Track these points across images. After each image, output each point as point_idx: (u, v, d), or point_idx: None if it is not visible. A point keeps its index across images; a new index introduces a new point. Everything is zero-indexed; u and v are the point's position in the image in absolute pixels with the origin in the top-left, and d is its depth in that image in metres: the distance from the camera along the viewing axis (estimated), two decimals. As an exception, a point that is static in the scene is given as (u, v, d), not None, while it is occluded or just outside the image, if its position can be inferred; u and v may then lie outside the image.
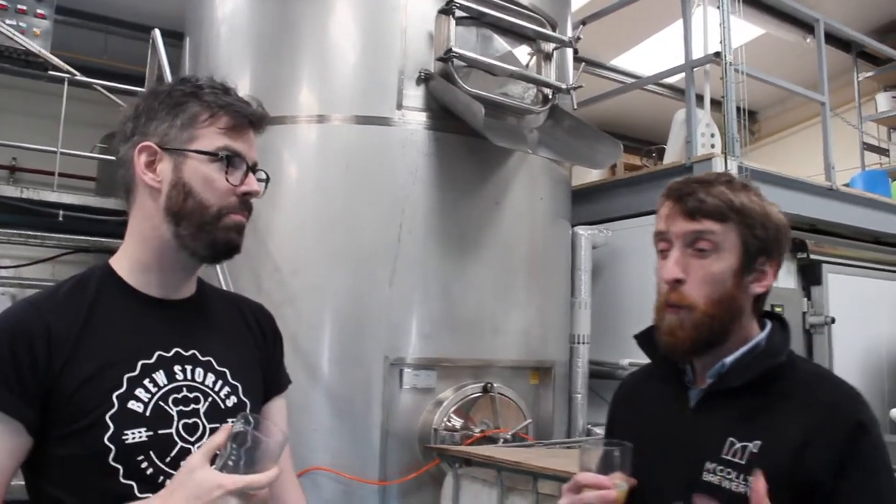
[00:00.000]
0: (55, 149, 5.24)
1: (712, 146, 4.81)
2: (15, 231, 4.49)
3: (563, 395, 4.26)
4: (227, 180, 1.44)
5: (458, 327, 3.68)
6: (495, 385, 3.69)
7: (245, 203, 1.49)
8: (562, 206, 4.32)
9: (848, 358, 5.34)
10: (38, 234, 4.63)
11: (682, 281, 1.43)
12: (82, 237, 4.80)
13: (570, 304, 4.51)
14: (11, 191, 4.83)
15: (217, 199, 1.44)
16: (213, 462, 1.27)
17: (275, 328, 1.71)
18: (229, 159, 1.45)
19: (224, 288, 3.37)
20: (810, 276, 5.33)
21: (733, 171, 4.51)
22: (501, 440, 3.58)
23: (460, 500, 3.25)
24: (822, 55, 5.82)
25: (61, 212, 4.87)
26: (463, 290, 3.70)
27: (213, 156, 1.44)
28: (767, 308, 1.57)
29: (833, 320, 5.20)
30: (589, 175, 6.17)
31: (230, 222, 1.46)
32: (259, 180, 1.52)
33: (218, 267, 3.44)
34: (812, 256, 5.27)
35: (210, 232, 1.44)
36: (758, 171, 4.76)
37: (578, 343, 4.55)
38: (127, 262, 1.49)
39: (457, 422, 3.58)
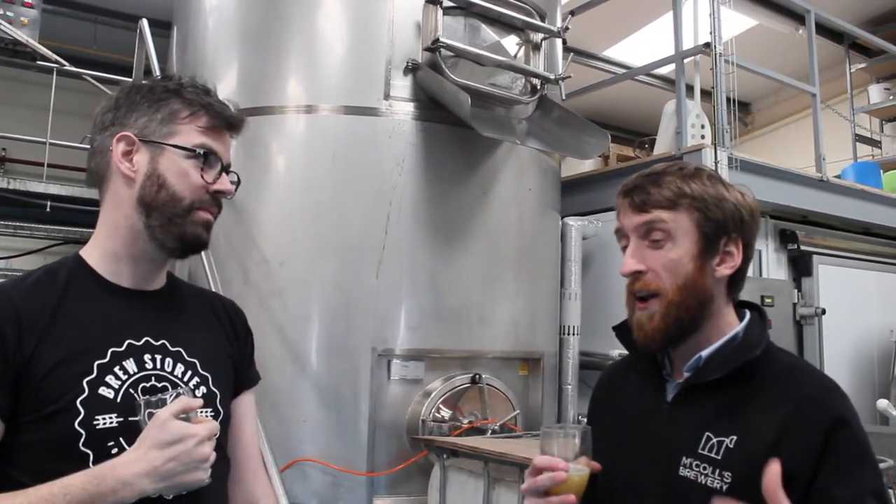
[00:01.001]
0: (44, 139, 5.21)
1: (702, 137, 4.80)
2: (2, 222, 4.47)
3: (552, 386, 4.25)
4: (202, 177, 1.47)
5: (446, 318, 3.67)
6: (484, 376, 3.68)
7: (216, 201, 1.51)
8: (551, 196, 4.31)
9: (838, 349, 5.36)
10: (27, 225, 4.61)
11: (641, 272, 1.43)
12: (71, 228, 4.78)
13: (560, 295, 4.50)
14: (-4, 181, 4.81)
15: (190, 193, 1.46)
16: None
17: (246, 324, 1.72)
18: (206, 157, 1.48)
19: (210, 279, 3.37)
20: (801, 267, 5.34)
21: (723, 161, 4.51)
22: (490, 431, 3.58)
23: (447, 491, 3.25)
24: (812, 46, 5.81)
25: (49, 202, 4.85)
26: (450, 281, 3.70)
27: (190, 151, 1.46)
28: (757, 300, 1.56)
29: (823, 311, 5.21)
30: (582, 166, 6.16)
31: (199, 218, 1.48)
32: (231, 182, 1.54)
33: (204, 258, 3.43)
34: (802, 248, 5.29)
35: (179, 225, 1.46)
36: (747, 161, 4.75)
37: (568, 334, 4.54)
38: (98, 252, 1.50)
39: (445, 413, 3.58)
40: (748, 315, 1.50)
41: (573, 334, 4.54)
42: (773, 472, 1.18)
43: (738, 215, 1.45)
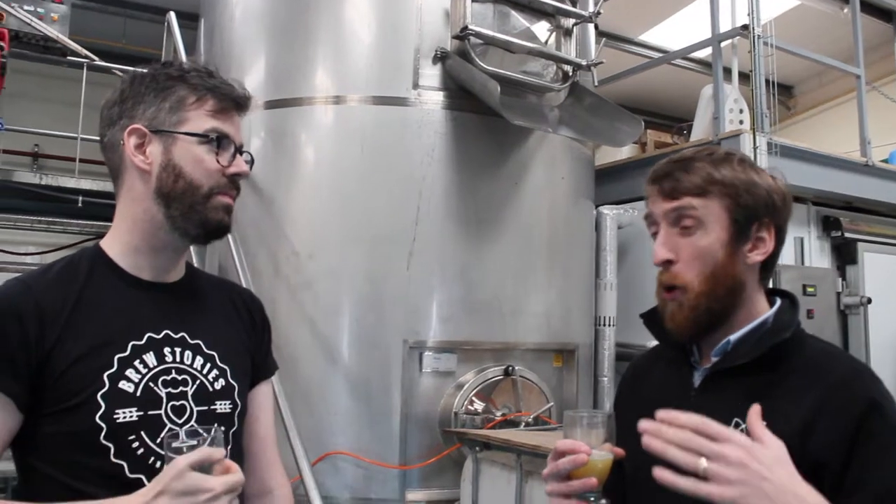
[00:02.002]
0: (75, 135, 5.25)
1: (741, 122, 4.69)
2: (37, 218, 4.52)
3: (587, 377, 4.20)
4: (217, 161, 1.46)
5: (478, 309, 3.63)
6: (517, 368, 3.64)
7: (233, 183, 1.50)
8: (584, 185, 4.24)
9: (885, 339, 5.21)
10: (61, 220, 4.66)
11: (672, 261, 1.41)
12: (104, 223, 4.82)
13: (595, 286, 4.44)
14: (31, 177, 4.86)
15: (207, 180, 1.46)
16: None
17: (264, 315, 1.71)
18: (219, 140, 1.47)
19: (240, 272, 3.37)
20: (845, 254, 5.21)
21: (762, 147, 4.40)
22: (523, 424, 3.53)
23: (480, 484, 3.22)
24: (857, 25, 5.65)
25: (80, 198, 4.91)
26: (482, 272, 3.66)
27: (203, 137, 1.45)
28: (799, 289, 1.52)
29: (869, 300, 5.08)
30: (619, 153, 6.08)
31: (219, 203, 1.48)
32: (245, 161, 1.53)
33: (234, 251, 3.44)
34: (847, 235, 5.16)
35: (200, 212, 1.46)
36: (788, 147, 4.63)
37: (604, 325, 4.48)
38: (117, 244, 1.50)
39: (478, 405, 3.54)
40: (779, 301, 1.48)
41: (609, 325, 4.48)
42: (754, 411, 1.20)
43: (770, 200, 1.43)
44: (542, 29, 3.91)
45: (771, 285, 1.55)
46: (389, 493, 3.46)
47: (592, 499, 1.34)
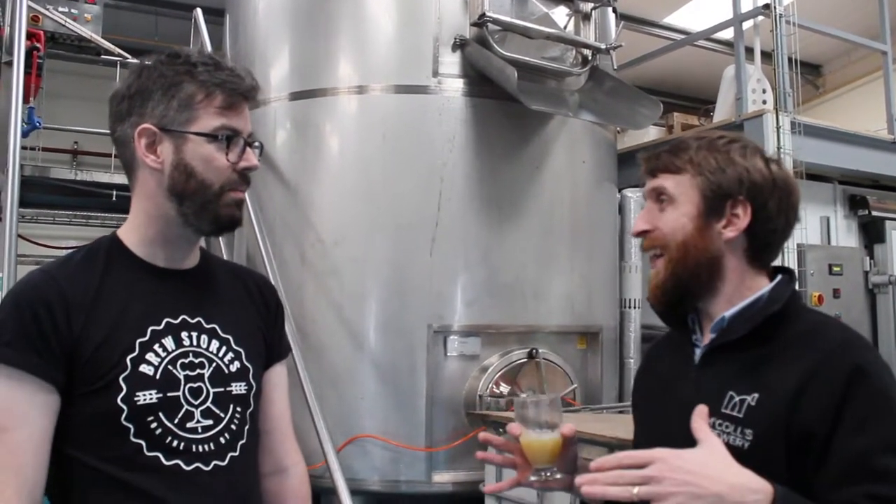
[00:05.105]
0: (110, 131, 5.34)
1: (763, 102, 4.66)
2: (74, 213, 4.63)
3: (612, 360, 4.22)
4: (227, 158, 1.48)
5: (502, 293, 3.68)
6: (541, 351, 3.68)
7: (243, 177, 1.52)
8: (606, 168, 4.26)
9: (914, 318, 5.16)
10: (97, 214, 4.76)
11: (648, 231, 1.49)
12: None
13: (620, 268, 4.46)
14: (67, 173, 4.97)
15: (218, 178, 1.48)
16: None
17: (277, 299, 1.75)
18: (228, 138, 1.48)
19: (266, 262, 3.44)
20: (872, 233, 5.16)
21: (785, 126, 4.38)
22: (547, 405, 3.57)
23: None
24: (883, 1, 5.56)
25: (114, 192, 5.02)
26: (504, 256, 3.70)
27: (212, 137, 1.47)
28: (825, 268, 1.56)
29: (898, 279, 5.03)
30: (646, 135, 6.06)
31: (230, 199, 1.50)
32: (254, 147, 1.55)
33: (260, 241, 3.51)
34: (874, 213, 5.10)
35: (212, 210, 1.49)
36: (812, 125, 4.60)
37: (629, 307, 4.50)
38: (133, 235, 1.55)
39: (503, 388, 3.59)
40: (778, 278, 1.50)
41: (634, 307, 4.50)
42: (699, 413, 1.28)
43: (747, 178, 1.45)
44: (560, 14, 3.93)
45: (797, 266, 1.59)
46: (416, 475, 3.53)
47: (548, 475, 1.44)
